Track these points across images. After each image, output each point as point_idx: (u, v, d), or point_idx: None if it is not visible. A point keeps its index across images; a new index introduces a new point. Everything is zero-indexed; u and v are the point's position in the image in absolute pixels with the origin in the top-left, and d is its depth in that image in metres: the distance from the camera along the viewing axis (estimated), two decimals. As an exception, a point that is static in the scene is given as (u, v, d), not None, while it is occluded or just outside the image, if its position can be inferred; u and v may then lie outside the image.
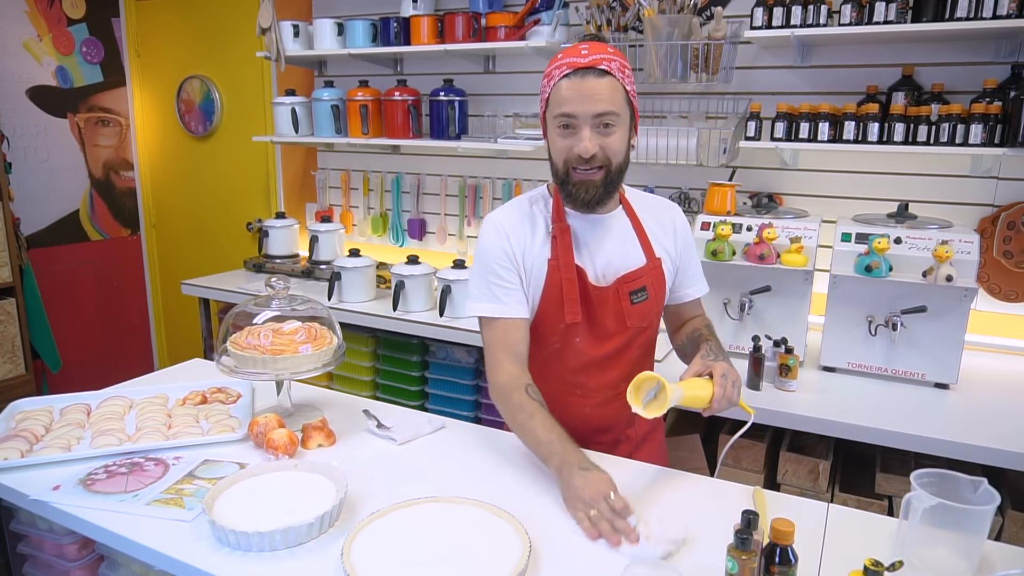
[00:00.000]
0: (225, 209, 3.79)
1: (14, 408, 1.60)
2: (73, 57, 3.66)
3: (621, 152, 1.39)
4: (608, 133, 1.35)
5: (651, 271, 1.49)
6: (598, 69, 1.33)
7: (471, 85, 2.93)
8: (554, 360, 1.50)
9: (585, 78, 1.33)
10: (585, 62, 1.33)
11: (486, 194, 3.01)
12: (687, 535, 1.15)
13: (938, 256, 1.84)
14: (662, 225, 1.53)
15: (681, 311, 1.63)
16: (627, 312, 1.46)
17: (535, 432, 1.34)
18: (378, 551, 1.10)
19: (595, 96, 1.33)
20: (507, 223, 1.47)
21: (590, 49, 1.35)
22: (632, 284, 1.46)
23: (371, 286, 2.75)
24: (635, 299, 1.47)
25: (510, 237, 1.45)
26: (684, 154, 2.38)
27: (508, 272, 1.44)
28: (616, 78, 1.34)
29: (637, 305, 1.47)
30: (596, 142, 1.35)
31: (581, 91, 1.33)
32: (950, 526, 1.08)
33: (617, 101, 1.34)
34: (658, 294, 1.51)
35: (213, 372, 1.65)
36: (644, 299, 1.48)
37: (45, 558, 1.40)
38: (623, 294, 1.46)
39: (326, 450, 1.48)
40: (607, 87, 1.33)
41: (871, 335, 1.98)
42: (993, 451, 1.60)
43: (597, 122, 1.34)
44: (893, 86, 2.21)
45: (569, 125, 1.36)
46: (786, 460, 1.88)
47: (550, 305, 1.45)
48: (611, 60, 1.34)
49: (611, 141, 1.36)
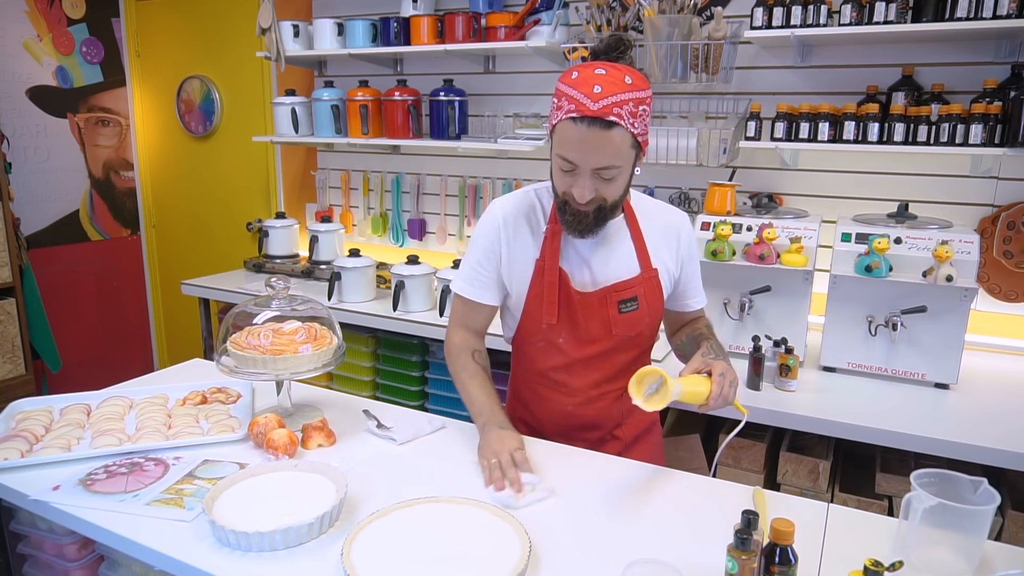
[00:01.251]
0: (225, 209, 3.80)
1: (14, 408, 1.60)
2: (73, 57, 3.66)
3: (618, 193, 1.36)
4: (607, 183, 1.32)
5: (644, 281, 1.47)
6: (605, 121, 1.25)
7: (471, 85, 2.93)
8: (538, 356, 1.53)
9: (591, 129, 1.26)
10: (594, 110, 1.24)
11: (486, 194, 3.01)
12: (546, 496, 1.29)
13: (938, 256, 1.84)
14: (664, 236, 1.50)
15: (681, 316, 1.63)
16: (613, 320, 1.46)
17: (471, 391, 1.52)
18: (378, 551, 1.10)
19: (598, 150, 1.28)
20: (505, 215, 1.49)
21: (604, 86, 1.24)
22: (622, 293, 1.46)
23: (371, 286, 2.75)
24: (624, 308, 1.46)
25: (503, 231, 1.48)
26: (684, 154, 2.38)
27: (488, 264, 1.50)
28: (624, 127, 1.26)
29: (626, 314, 1.46)
30: (594, 188, 1.32)
31: (585, 142, 1.27)
32: (950, 526, 1.08)
33: (622, 152, 1.29)
34: (652, 304, 1.49)
35: (213, 372, 1.65)
36: (634, 308, 1.47)
37: (45, 558, 1.40)
38: (611, 302, 1.45)
39: (326, 450, 1.48)
40: (612, 141, 1.27)
41: (871, 335, 1.98)
42: (993, 451, 1.60)
43: (597, 172, 1.30)
44: (893, 86, 2.21)
45: (570, 169, 1.32)
46: (786, 460, 1.88)
47: (533, 304, 1.48)
48: (623, 104, 1.25)
49: (609, 189, 1.33)
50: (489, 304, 1.53)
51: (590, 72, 1.27)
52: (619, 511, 1.27)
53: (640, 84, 1.28)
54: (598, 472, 1.41)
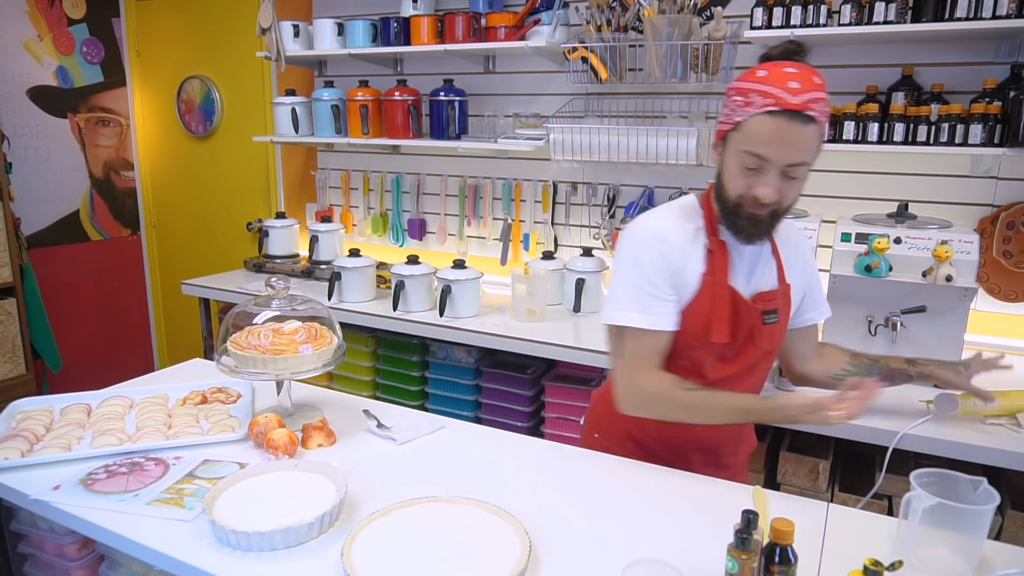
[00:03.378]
0: (225, 209, 3.80)
1: (14, 408, 1.60)
2: (73, 57, 3.67)
3: (797, 195, 1.32)
4: (793, 182, 1.28)
5: (783, 295, 1.45)
6: (805, 115, 1.22)
7: (471, 85, 2.93)
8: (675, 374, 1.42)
9: (791, 123, 1.22)
10: (796, 103, 1.21)
11: (486, 194, 3.01)
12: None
13: (938, 256, 1.84)
14: (792, 250, 1.49)
15: (806, 335, 1.58)
16: (758, 331, 1.41)
17: (730, 403, 1.37)
18: (378, 551, 1.10)
19: (796, 145, 1.23)
20: (667, 234, 1.38)
21: (801, 83, 1.22)
22: (767, 304, 1.42)
23: (371, 286, 2.75)
24: (767, 319, 1.42)
25: (672, 249, 1.37)
26: (684, 154, 2.38)
27: (666, 284, 1.37)
28: (820, 124, 1.24)
29: (768, 326, 1.42)
30: (779, 187, 1.27)
31: (783, 137, 1.23)
32: (950, 526, 1.08)
33: (813, 151, 1.26)
34: (784, 319, 1.47)
35: (213, 372, 1.66)
36: (775, 321, 1.43)
37: (45, 558, 1.40)
38: (756, 312, 1.40)
39: (326, 450, 1.48)
40: (810, 137, 1.24)
41: (871, 335, 1.98)
42: (993, 451, 1.60)
43: (786, 170, 1.26)
44: (893, 86, 2.21)
45: (757, 166, 1.27)
46: (786, 460, 1.88)
47: (694, 321, 1.38)
48: (819, 100, 1.23)
49: (793, 189, 1.29)
50: (670, 331, 1.38)
51: (779, 69, 1.24)
52: (619, 511, 1.27)
53: (825, 85, 1.27)
54: (598, 472, 1.41)
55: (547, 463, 1.44)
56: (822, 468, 1.84)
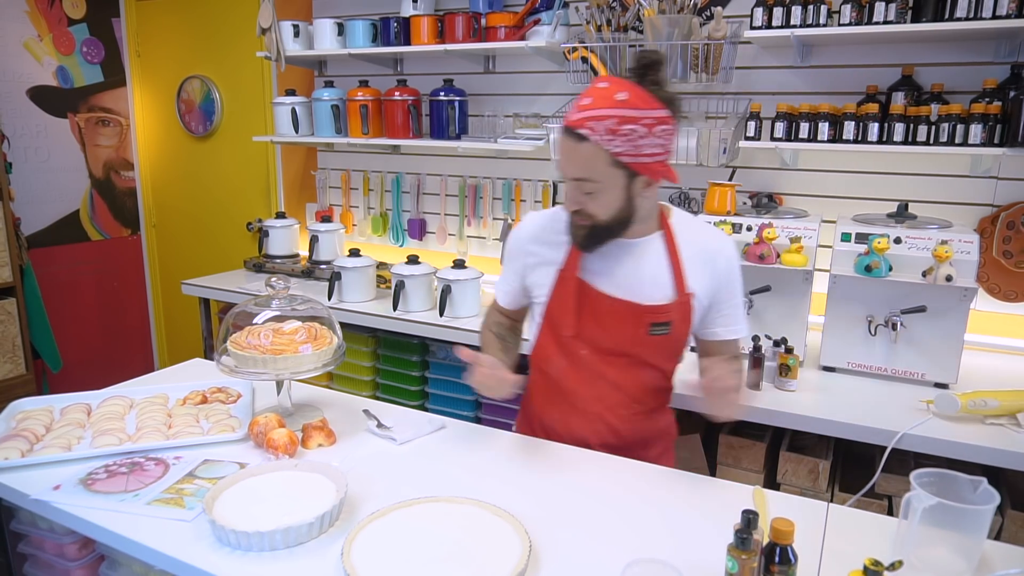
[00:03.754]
0: (225, 209, 3.80)
1: (14, 408, 1.60)
2: (73, 57, 3.67)
3: (608, 213, 1.35)
4: (589, 198, 1.33)
5: (679, 306, 1.44)
6: (576, 133, 1.28)
7: (471, 85, 2.93)
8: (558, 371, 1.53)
9: (565, 138, 1.30)
10: (572, 120, 1.28)
11: (486, 194, 3.01)
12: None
13: (938, 256, 1.84)
14: (703, 259, 1.45)
15: (711, 348, 1.54)
16: (642, 340, 1.45)
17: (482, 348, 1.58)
18: (378, 551, 1.10)
19: (570, 160, 1.31)
20: (534, 227, 1.54)
21: (593, 100, 1.27)
22: (657, 316, 1.43)
23: (371, 286, 2.75)
24: (654, 331, 1.44)
25: (530, 242, 1.53)
26: (684, 154, 2.38)
27: (512, 272, 1.57)
28: (596, 142, 1.26)
29: (655, 337, 1.44)
30: (577, 200, 1.35)
31: (561, 150, 1.33)
32: (950, 526, 1.08)
33: (595, 168, 1.29)
34: (682, 329, 1.47)
35: (213, 372, 1.66)
36: (665, 333, 1.44)
37: (45, 558, 1.40)
38: (643, 323, 1.43)
39: (326, 450, 1.48)
40: (582, 154, 1.29)
41: (871, 335, 1.98)
42: (993, 451, 1.60)
43: (576, 184, 1.33)
44: (893, 86, 2.21)
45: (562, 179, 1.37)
46: (786, 460, 1.89)
47: (554, 313, 1.50)
48: (601, 119, 1.25)
49: (593, 204, 1.34)
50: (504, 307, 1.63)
51: (595, 85, 1.30)
52: (619, 511, 1.27)
53: (637, 103, 1.26)
54: (598, 472, 1.41)
55: (547, 463, 1.44)
56: (822, 468, 1.84)
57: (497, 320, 1.66)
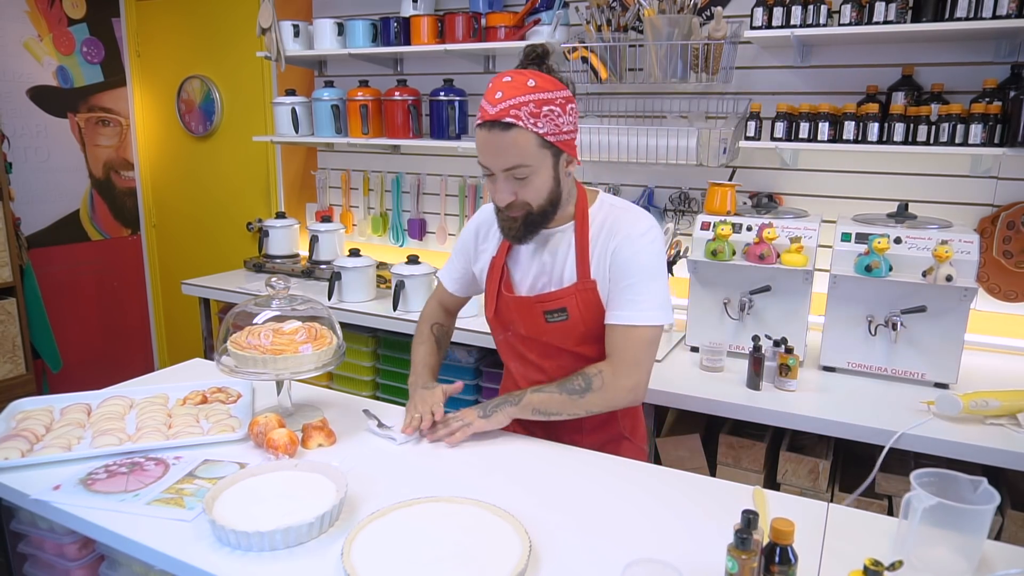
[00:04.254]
0: (225, 209, 3.80)
1: (14, 408, 1.60)
2: (73, 57, 3.67)
3: (541, 196, 1.39)
4: (523, 184, 1.36)
5: (577, 293, 1.46)
6: (503, 123, 1.31)
7: (471, 85, 2.93)
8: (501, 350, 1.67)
9: (492, 131, 1.33)
10: (492, 113, 1.31)
11: (486, 194, 3.01)
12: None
13: (938, 256, 1.84)
14: (606, 246, 1.44)
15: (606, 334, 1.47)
16: (542, 328, 1.50)
17: (415, 355, 1.72)
18: (378, 551, 1.10)
19: (501, 151, 1.33)
20: (484, 217, 1.63)
21: (504, 92, 1.32)
22: (548, 304, 1.48)
23: (371, 286, 2.75)
24: (551, 318, 1.48)
25: (479, 231, 1.63)
26: (684, 154, 2.38)
27: (460, 258, 1.69)
28: (523, 127, 1.31)
29: (554, 324, 1.49)
30: (511, 190, 1.37)
31: (488, 145, 1.34)
32: (950, 526, 1.08)
33: (528, 152, 1.33)
34: (585, 315, 1.46)
35: (213, 372, 1.66)
36: (563, 319, 1.48)
37: (45, 558, 1.40)
38: (537, 312, 1.49)
39: (326, 450, 1.48)
40: (513, 141, 1.32)
41: (871, 335, 1.98)
42: (993, 451, 1.60)
43: (509, 174, 1.36)
44: (893, 86, 2.21)
45: (488, 173, 1.39)
46: (786, 460, 1.89)
47: (485, 297, 1.62)
48: (521, 105, 1.31)
49: (528, 191, 1.37)
50: (450, 292, 1.74)
51: (498, 80, 1.35)
52: (619, 511, 1.27)
53: (545, 86, 1.34)
54: (598, 472, 1.41)
55: (547, 463, 1.44)
56: (822, 468, 1.84)
57: (438, 319, 1.77)
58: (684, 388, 1.92)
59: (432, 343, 1.73)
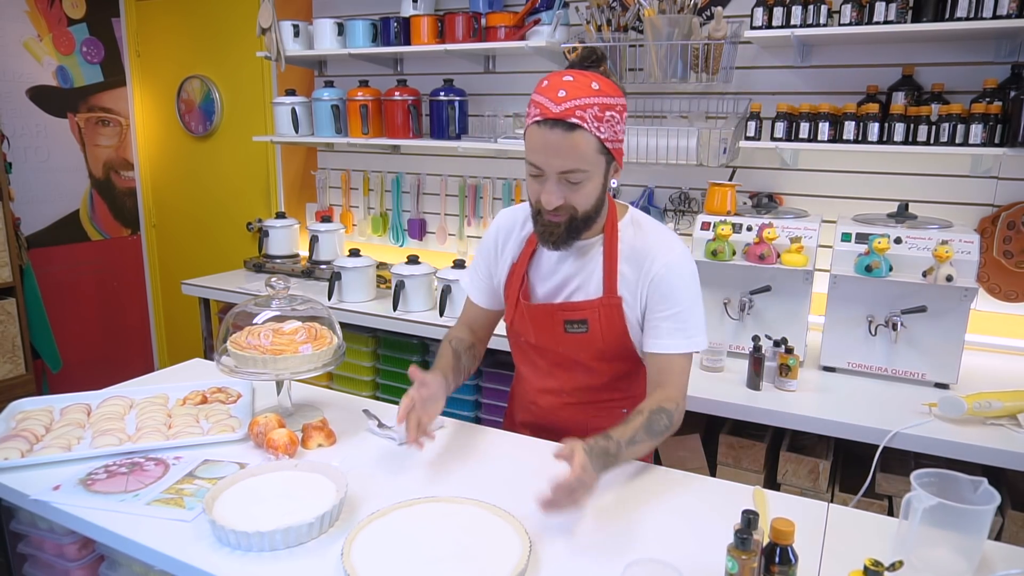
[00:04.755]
0: (225, 209, 3.80)
1: (14, 408, 1.60)
2: (73, 57, 3.67)
3: (589, 202, 1.34)
4: (575, 188, 1.31)
5: (601, 307, 1.42)
6: (567, 123, 1.25)
7: (471, 85, 2.93)
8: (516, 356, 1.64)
9: (553, 130, 1.26)
10: (556, 112, 1.25)
11: (486, 194, 3.01)
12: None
13: (938, 256, 1.84)
14: (640, 268, 1.40)
15: (648, 362, 1.44)
16: (559, 338, 1.47)
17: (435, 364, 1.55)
18: (378, 551, 1.10)
19: (561, 153, 1.27)
20: (504, 222, 1.56)
21: (568, 92, 1.26)
22: (569, 314, 1.44)
23: (371, 286, 2.75)
24: (570, 328, 1.45)
25: (499, 237, 1.56)
26: (684, 154, 2.38)
27: (483, 267, 1.60)
28: (587, 129, 1.26)
29: (572, 335, 1.45)
30: (562, 194, 1.31)
31: (548, 145, 1.28)
32: (950, 526, 1.08)
33: (587, 156, 1.28)
34: (606, 331, 1.43)
35: (213, 372, 1.66)
36: (582, 331, 1.44)
37: (45, 558, 1.40)
38: (557, 320, 1.45)
39: (326, 450, 1.48)
40: (576, 143, 1.27)
41: (871, 335, 1.98)
42: (993, 451, 1.60)
43: (563, 177, 1.30)
44: (893, 86, 2.21)
45: (538, 174, 1.32)
46: (786, 460, 1.88)
47: (507, 304, 1.56)
48: (587, 107, 1.26)
49: (578, 196, 1.32)
50: (478, 305, 1.63)
51: (558, 79, 1.29)
52: (619, 511, 1.27)
53: (608, 91, 1.29)
54: (598, 472, 1.41)
55: (547, 463, 1.44)
56: (822, 468, 1.84)
57: (459, 335, 1.63)
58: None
59: (447, 356, 1.56)
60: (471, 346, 1.62)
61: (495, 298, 1.61)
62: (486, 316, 1.65)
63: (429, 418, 1.39)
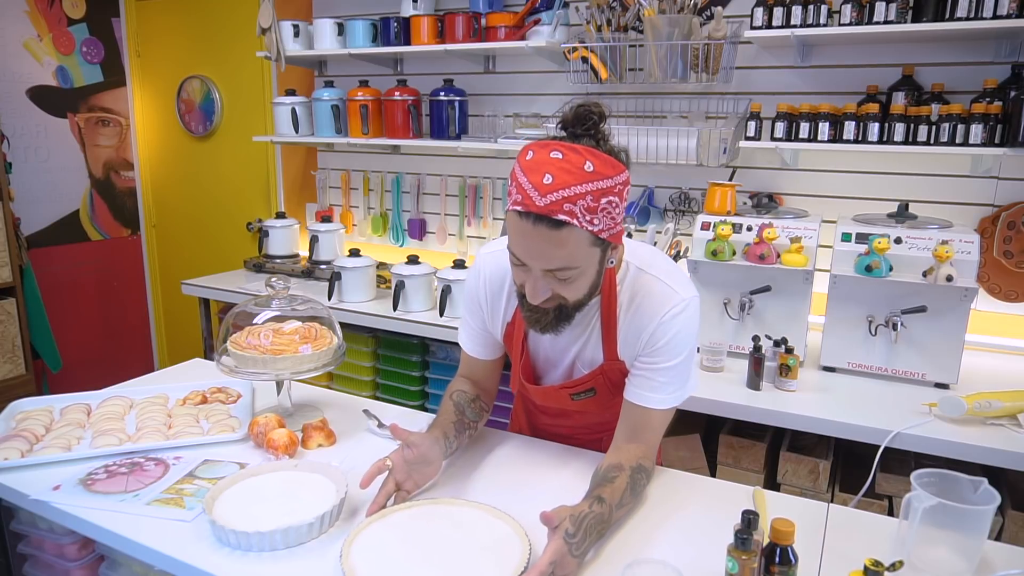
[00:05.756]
0: (225, 209, 3.80)
1: (14, 408, 1.60)
2: (73, 57, 3.66)
3: (581, 293, 1.17)
4: (564, 284, 1.14)
5: (604, 373, 1.32)
6: (554, 220, 1.05)
7: (471, 85, 2.93)
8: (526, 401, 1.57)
9: (537, 227, 1.06)
10: (540, 205, 1.04)
11: (486, 194, 3.01)
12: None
13: (938, 256, 1.84)
14: (637, 331, 1.26)
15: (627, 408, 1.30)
16: (566, 403, 1.41)
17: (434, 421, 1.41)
18: (378, 552, 1.10)
19: (546, 253, 1.09)
20: (488, 273, 1.38)
21: (555, 178, 1.04)
22: (575, 388, 1.36)
23: (371, 286, 2.75)
24: (577, 397, 1.37)
25: (487, 295, 1.39)
26: (684, 154, 2.38)
27: (474, 318, 1.44)
28: (578, 225, 1.06)
29: (580, 400, 1.39)
30: (549, 289, 1.15)
31: (530, 242, 1.09)
32: (950, 526, 1.08)
33: (578, 254, 1.09)
34: (613, 390, 1.35)
35: (213, 372, 1.65)
36: (590, 396, 1.36)
37: (45, 558, 1.40)
38: (564, 396, 1.38)
39: (326, 450, 1.48)
40: (563, 242, 1.07)
41: (871, 335, 1.98)
42: (993, 451, 1.60)
43: (550, 274, 1.12)
44: (893, 86, 2.21)
45: (520, 264, 1.14)
46: (786, 460, 1.88)
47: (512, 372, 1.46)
48: (577, 198, 1.04)
49: (568, 289, 1.15)
50: (475, 356, 1.47)
51: (545, 156, 1.07)
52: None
53: (605, 170, 1.07)
54: (598, 472, 1.41)
55: (547, 463, 1.44)
56: (822, 468, 1.84)
57: (461, 388, 1.46)
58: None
59: (450, 409, 1.42)
60: (475, 398, 1.46)
61: (494, 348, 1.46)
62: (487, 367, 1.48)
63: (415, 485, 1.27)
